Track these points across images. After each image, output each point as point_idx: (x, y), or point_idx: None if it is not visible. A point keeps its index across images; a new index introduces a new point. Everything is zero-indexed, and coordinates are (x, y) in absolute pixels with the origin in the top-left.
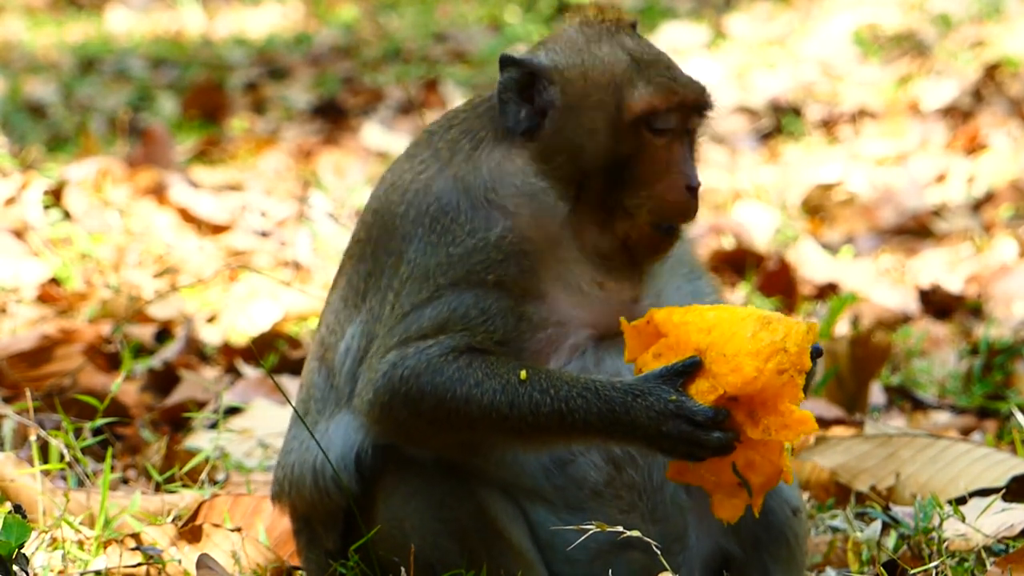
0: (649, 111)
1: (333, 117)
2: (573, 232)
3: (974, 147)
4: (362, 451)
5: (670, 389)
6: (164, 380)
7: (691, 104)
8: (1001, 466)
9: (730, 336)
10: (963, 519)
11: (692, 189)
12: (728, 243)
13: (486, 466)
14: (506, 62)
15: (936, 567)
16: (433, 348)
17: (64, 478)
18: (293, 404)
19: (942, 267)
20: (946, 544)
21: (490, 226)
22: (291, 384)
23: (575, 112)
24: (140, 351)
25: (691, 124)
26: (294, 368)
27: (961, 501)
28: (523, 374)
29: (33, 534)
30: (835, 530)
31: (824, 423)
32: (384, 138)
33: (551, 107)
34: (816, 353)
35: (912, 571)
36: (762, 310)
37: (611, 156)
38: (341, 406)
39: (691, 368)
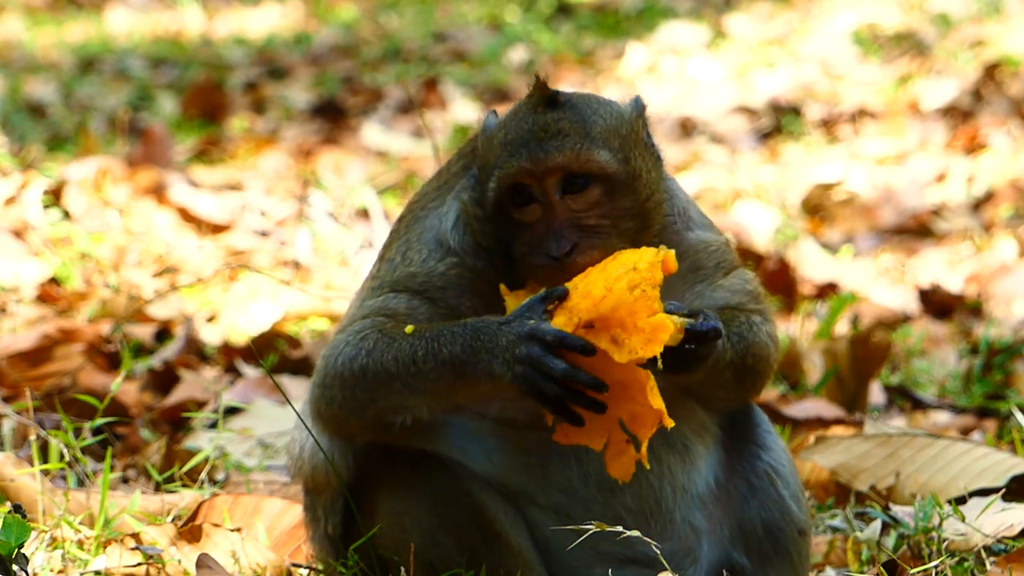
0: (500, 195)
1: (333, 117)
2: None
3: (974, 147)
4: (359, 444)
5: (532, 315)
6: (164, 380)
7: (533, 176)
8: (1001, 466)
9: (588, 273)
10: (963, 519)
11: (556, 256)
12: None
13: (483, 468)
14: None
15: (936, 567)
16: (351, 327)
17: (64, 478)
18: (293, 404)
19: (942, 267)
20: (946, 544)
21: (441, 259)
22: (291, 384)
23: (478, 185)
24: (140, 351)
25: (567, 189)
26: (294, 368)
27: (961, 501)
28: (409, 329)
29: (33, 534)
30: (835, 530)
31: (824, 423)
32: (384, 138)
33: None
34: (714, 334)
35: (912, 571)
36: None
37: (495, 237)
38: None
39: (555, 296)
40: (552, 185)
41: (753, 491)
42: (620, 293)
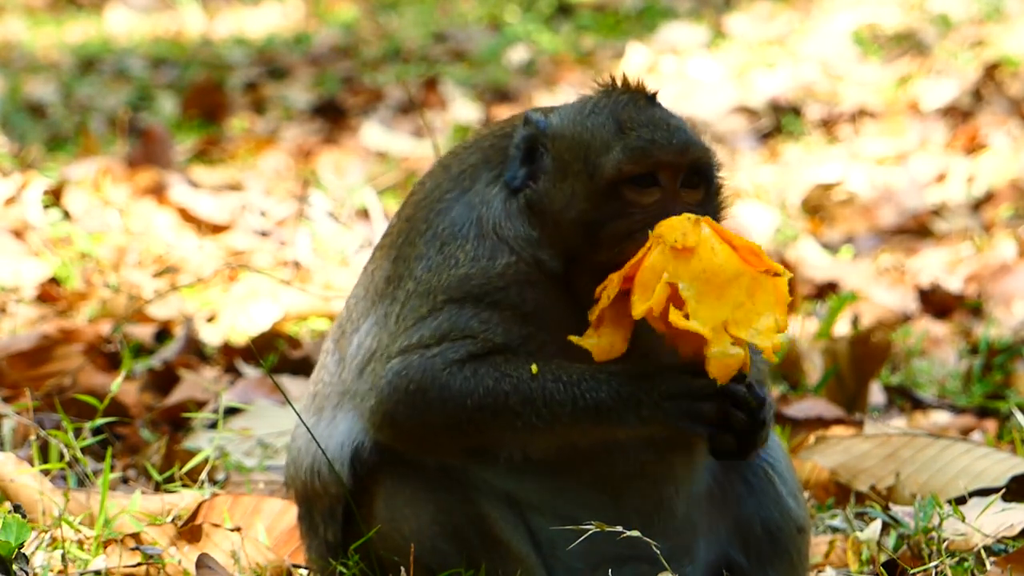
0: (619, 175)
1: (333, 117)
2: (567, 285)
3: (974, 147)
4: (361, 449)
5: (674, 374)
6: (164, 380)
7: (671, 165)
8: (1001, 466)
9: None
10: (963, 519)
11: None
12: None
13: (487, 475)
14: (525, 119)
15: (936, 567)
16: (436, 358)
17: (64, 478)
18: (293, 404)
19: (942, 267)
20: (946, 544)
21: (494, 256)
22: (291, 384)
23: (558, 179)
24: (140, 351)
25: (686, 182)
26: (294, 368)
27: (961, 501)
28: (534, 368)
29: (33, 534)
30: (835, 530)
31: (824, 423)
32: (384, 138)
33: (541, 172)
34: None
35: (912, 571)
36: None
37: (588, 219)
38: (346, 400)
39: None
40: (681, 175)
41: (751, 489)
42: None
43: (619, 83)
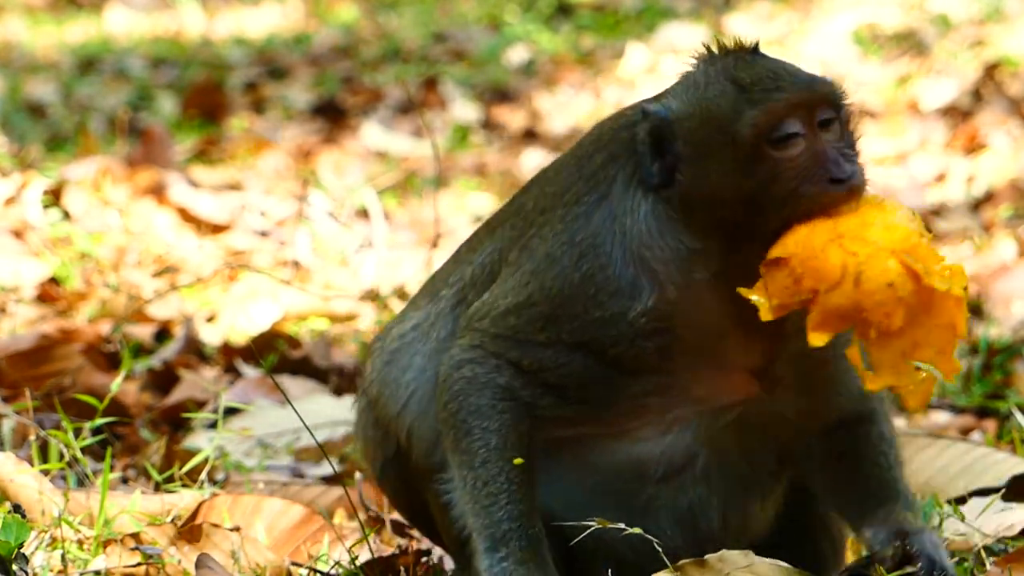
0: (759, 133)
1: (333, 117)
2: (717, 298)
3: (974, 147)
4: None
5: None
6: (164, 380)
7: (806, 104)
8: (1001, 466)
9: (863, 215)
10: (963, 519)
11: (837, 181)
12: None
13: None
14: (643, 113)
15: None
16: (492, 372)
17: (64, 478)
18: (293, 404)
19: None
20: (945, 544)
21: (635, 294)
22: (291, 384)
23: (701, 161)
24: (140, 351)
25: (823, 118)
26: (294, 368)
27: (961, 501)
28: (517, 460)
29: (32, 534)
30: None
31: None
32: (384, 138)
33: (680, 161)
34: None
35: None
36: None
37: (746, 190)
38: (449, 335)
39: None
40: (818, 116)
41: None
42: (917, 235)
43: (717, 49)
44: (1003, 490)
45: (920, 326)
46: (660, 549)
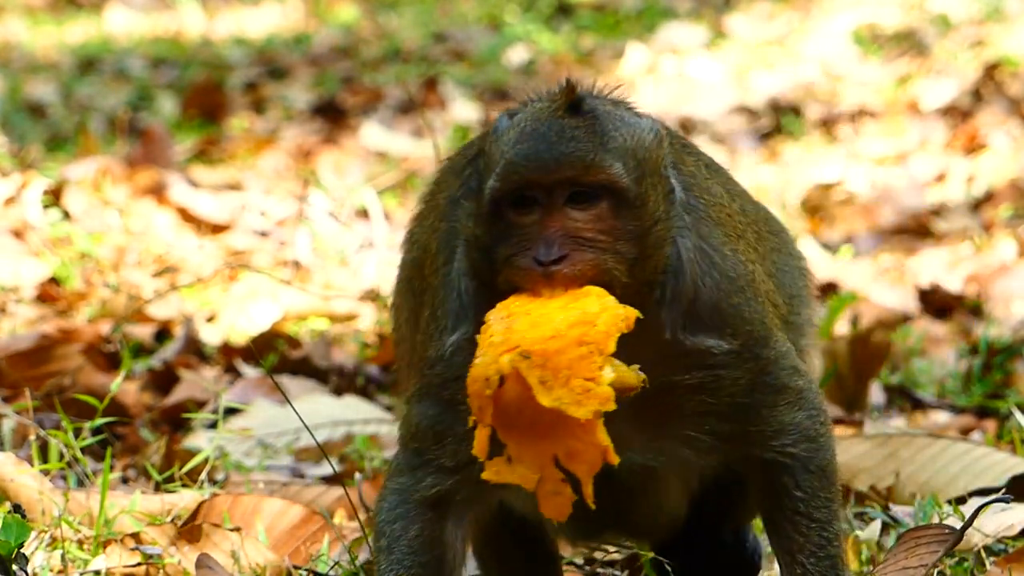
0: (494, 195)
1: (333, 117)
2: None
3: (974, 147)
4: None
5: None
6: (164, 380)
7: (538, 183)
8: (1001, 466)
9: (542, 303)
10: (963, 519)
11: (543, 262)
12: None
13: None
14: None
15: (936, 566)
16: (406, 485)
17: (64, 478)
18: (293, 404)
19: (942, 267)
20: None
21: (455, 325)
22: (291, 384)
23: (471, 202)
24: (140, 351)
25: (576, 199)
26: (294, 368)
27: (961, 501)
28: None
29: (32, 534)
30: None
31: None
32: (384, 138)
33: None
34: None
35: (911, 570)
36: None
37: (482, 244)
38: None
39: None
40: (559, 193)
41: None
42: (568, 342)
43: (554, 90)
44: (1003, 490)
45: (574, 438)
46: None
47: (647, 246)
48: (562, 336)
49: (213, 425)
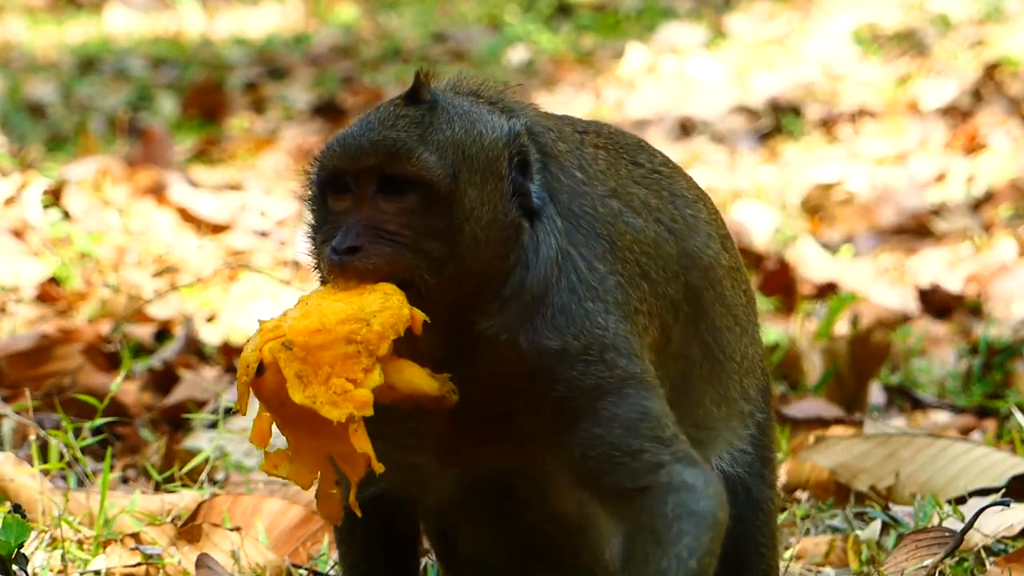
0: (316, 180)
1: (333, 117)
2: None
3: (974, 147)
4: None
5: None
6: (164, 380)
7: (345, 170)
8: (1001, 466)
9: (328, 295)
10: (963, 519)
11: (337, 251)
12: None
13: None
14: None
15: (936, 566)
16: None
17: (64, 478)
18: None
19: (942, 267)
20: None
21: None
22: None
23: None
24: (140, 351)
25: (386, 188)
26: None
27: (961, 501)
28: None
29: (32, 534)
30: (835, 530)
31: (824, 423)
32: None
33: None
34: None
35: (911, 569)
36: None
37: (307, 230)
38: None
39: None
40: (367, 181)
41: None
42: (335, 338)
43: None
44: (1003, 490)
45: (340, 440)
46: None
47: (459, 245)
48: (328, 331)
49: (213, 425)
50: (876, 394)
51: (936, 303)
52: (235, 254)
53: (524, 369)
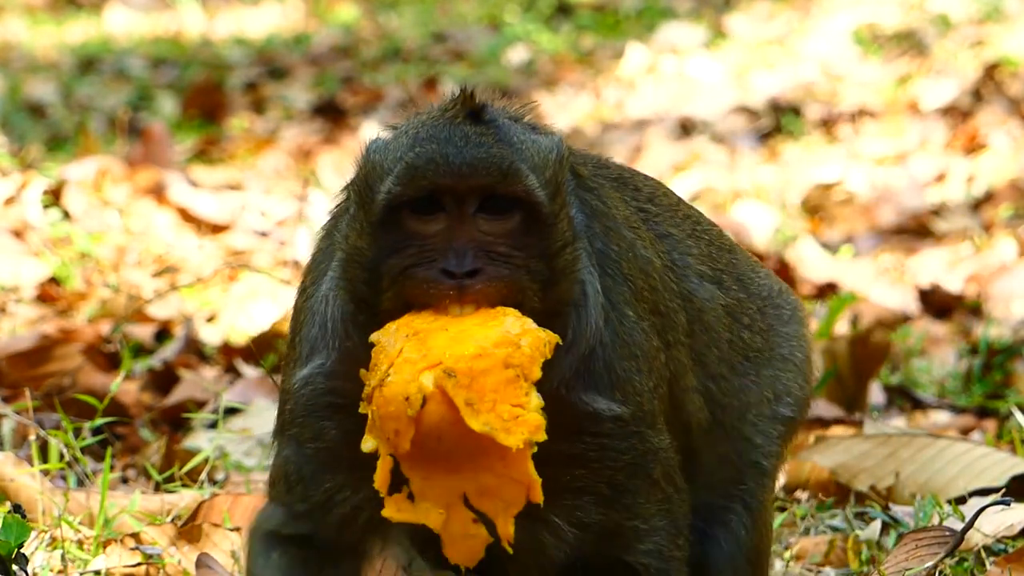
0: (390, 201)
1: (333, 117)
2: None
3: (974, 147)
4: None
5: None
6: (164, 380)
7: (450, 188)
8: (1001, 466)
9: (462, 320)
10: (963, 519)
11: (449, 273)
12: None
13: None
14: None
15: (936, 566)
16: (265, 515)
17: (64, 478)
18: None
19: (942, 267)
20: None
21: (307, 358)
22: None
23: (352, 216)
24: (140, 351)
25: (488, 208)
26: None
27: (961, 501)
28: None
29: (33, 534)
30: (835, 530)
31: (824, 423)
32: None
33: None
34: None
35: (911, 570)
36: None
37: (366, 258)
38: None
39: None
40: (470, 201)
41: None
42: (495, 362)
43: (445, 102)
44: (1003, 490)
45: (489, 472)
46: None
47: (556, 270)
48: (488, 355)
49: (213, 425)
50: (876, 394)
51: (936, 303)
52: (235, 254)
53: (570, 427)
